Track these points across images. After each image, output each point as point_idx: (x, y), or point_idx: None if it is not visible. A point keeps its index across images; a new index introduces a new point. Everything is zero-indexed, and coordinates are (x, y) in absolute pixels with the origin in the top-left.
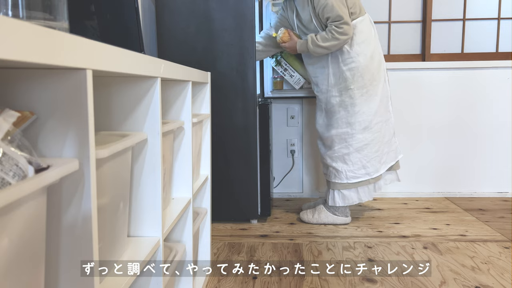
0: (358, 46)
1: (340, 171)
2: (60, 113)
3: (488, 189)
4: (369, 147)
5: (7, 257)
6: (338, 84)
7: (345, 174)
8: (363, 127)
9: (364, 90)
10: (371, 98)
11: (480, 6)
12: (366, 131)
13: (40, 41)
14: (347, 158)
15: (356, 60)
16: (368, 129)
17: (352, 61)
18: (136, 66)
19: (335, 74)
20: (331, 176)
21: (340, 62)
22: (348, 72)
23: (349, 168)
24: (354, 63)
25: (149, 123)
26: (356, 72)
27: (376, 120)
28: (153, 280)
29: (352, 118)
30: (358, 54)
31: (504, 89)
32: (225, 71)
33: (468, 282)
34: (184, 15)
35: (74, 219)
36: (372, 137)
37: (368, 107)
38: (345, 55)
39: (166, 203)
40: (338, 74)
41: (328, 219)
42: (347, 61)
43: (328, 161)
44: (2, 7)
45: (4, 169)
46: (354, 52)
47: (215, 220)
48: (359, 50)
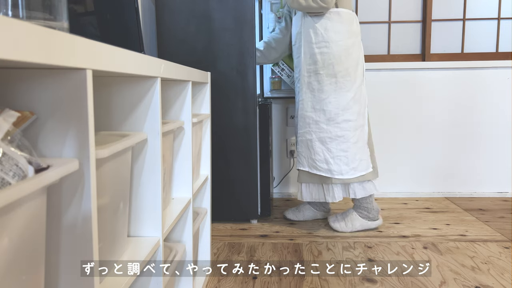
0: (334, 33)
1: (303, 156)
2: (60, 113)
3: (488, 189)
4: (335, 143)
5: (7, 257)
6: (308, 65)
7: (307, 161)
8: (328, 117)
9: (333, 79)
10: (340, 91)
11: (480, 6)
12: (331, 124)
13: (40, 41)
14: (310, 145)
15: (329, 46)
16: (333, 122)
17: (325, 45)
18: (136, 66)
19: (306, 53)
20: (297, 164)
21: (313, 43)
22: (319, 56)
23: (311, 156)
24: (327, 48)
25: (149, 123)
26: (327, 59)
27: (345, 117)
28: (153, 280)
29: (318, 105)
30: (332, 41)
31: (504, 89)
32: (225, 71)
33: (468, 282)
34: (184, 15)
35: (74, 219)
36: (339, 134)
37: (335, 98)
38: (319, 37)
39: (166, 203)
40: (309, 54)
41: (363, 226)
42: (320, 44)
43: (297, 144)
44: (2, 7)
45: (4, 169)
46: (328, 37)
47: (215, 220)
48: (334, 37)
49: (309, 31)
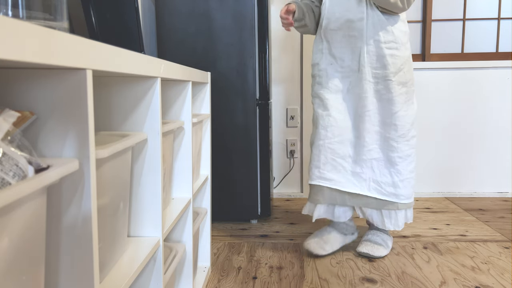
0: (403, 34)
1: (369, 177)
2: (60, 113)
3: (488, 189)
4: (405, 163)
5: (7, 257)
6: (374, 68)
7: (367, 183)
8: (399, 134)
9: (404, 89)
10: (409, 102)
11: (480, 6)
12: (402, 142)
13: (40, 41)
14: (375, 165)
15: (399, 48)
16: (404, 139)
17: (395, 47)
18: (136, 66)
19: (372, 53)
20: (313, 178)
21: (382, 42)
22: (390, 59)
23: (376, 178)
24: (397, 50)
25: (149, 123)
26: (398, 63)
27: (413, 133)
28: (153, 280)
29: (388, 118)
30: (401, 42)
31: (504, 89)
32: (225, 71)
33: (468, 282)
34: (184, 15)
35: (74, 219)
36: (409, 152)
37: (406, 112)
38: (389, 36)
39: (166, 203)
40: (376, 55)
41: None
42: (390, 44)
43: (319, 154)
44: (2, 7)
45: (4, 169)
46: (397, 37)
47: (215, 220)
48: (402, 39)
49: (377, 27)
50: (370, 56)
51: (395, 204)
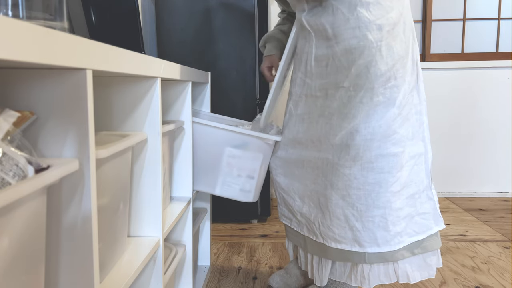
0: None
1: (310, 220)
2: (60, 113)
3: (488, 189)
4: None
5: (7, 257)
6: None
7: (308, 226)
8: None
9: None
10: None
11: (480, 6)
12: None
13: (40, 41)
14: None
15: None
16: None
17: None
18: (136, 66)
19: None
20: (281, 216)
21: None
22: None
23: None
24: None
25: (149, 123)
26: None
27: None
28: (153, 280)
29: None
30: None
31: (504, 89)
32: (225, 71)
33: (468, 282)
34: (184, 15)
35: (74, 219)
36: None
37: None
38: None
39: (166, 203)
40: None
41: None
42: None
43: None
44: (2, 7)
45: (4, 169)
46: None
47: (215, 220)
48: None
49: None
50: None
51: (361, 255)
